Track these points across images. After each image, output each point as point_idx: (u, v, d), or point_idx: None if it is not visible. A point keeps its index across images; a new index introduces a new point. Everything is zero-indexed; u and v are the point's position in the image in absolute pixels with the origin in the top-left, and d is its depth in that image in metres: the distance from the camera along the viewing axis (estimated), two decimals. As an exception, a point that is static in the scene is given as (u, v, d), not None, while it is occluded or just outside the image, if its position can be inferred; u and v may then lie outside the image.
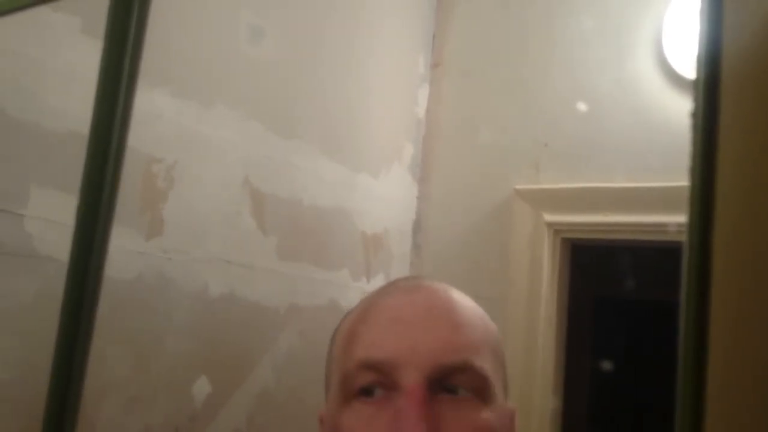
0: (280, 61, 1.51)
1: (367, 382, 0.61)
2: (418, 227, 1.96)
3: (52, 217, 1.06)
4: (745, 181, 0.26)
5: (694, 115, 0.25)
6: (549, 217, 1.77)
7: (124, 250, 1.17)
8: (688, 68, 1.65)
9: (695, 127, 0.25)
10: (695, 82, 0.25)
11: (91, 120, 0.39)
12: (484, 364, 0.62)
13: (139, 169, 1.20)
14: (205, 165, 1.33)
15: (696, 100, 0.25)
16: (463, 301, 0.68)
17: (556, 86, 1.84)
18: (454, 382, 0.60)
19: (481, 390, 0.61)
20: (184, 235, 1.28)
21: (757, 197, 0.26)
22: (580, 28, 1.83)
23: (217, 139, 1.35)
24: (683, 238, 0.25)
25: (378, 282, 1.81)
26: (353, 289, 1.71)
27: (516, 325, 1.72)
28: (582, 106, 1.78)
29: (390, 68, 1.88)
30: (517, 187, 1.82)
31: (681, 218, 0.25)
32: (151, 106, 1.22)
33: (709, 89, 0.25)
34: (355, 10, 1.75)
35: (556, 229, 1.77)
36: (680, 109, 1.65)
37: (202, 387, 1.31)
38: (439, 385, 0.60)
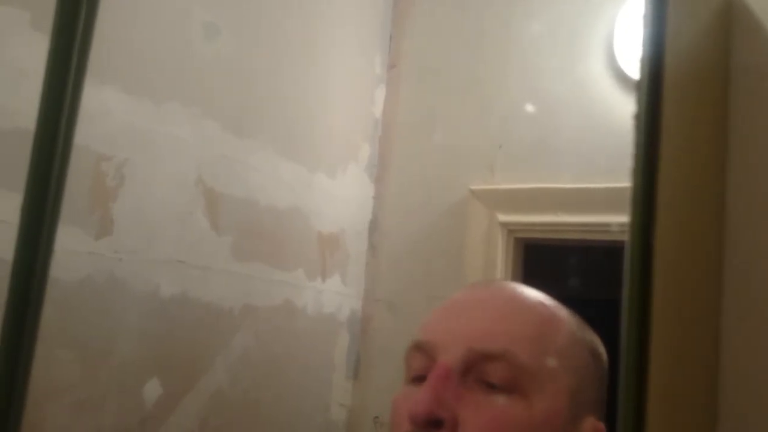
0: (236, 59, 1.49)
1: (418, 366, 0.63)
2: (374, 227, 1.97)
3: (-2, 216, 1.03)
4: (687, 180, 0.27)
5: (637, 116, 0.26)
6: (503, 217, 1.79)
7: (72, 250, 1.15)
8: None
9: (638, 128, 0.26)
10: (638, 84, 0.26)
11: (36, 116, 0.38)
12: (524, 356, 0.59)
13: (87, 167, 1.17)
14: (158, 163, 1.31)
15: (639, 101, 0.26)
16: (525, 297, 0.65)
17: (511, 88, 1.86)
18: (490, 371, 0.59)
19: (517, 383, 0.59)
20: (134, 234, 1.26)
21: (698, 196, 0.27)
22: (534, 31, 1.85)
23: (170, 138, 1.33)
24: (626, 237, 0.26)
25: (334, 282, 1.80)
26: (308, 289, 1.70)
27: (470, 324, 1.73)
28: (535, 108, 1.81)
29: (347, 68, 1.88)
30: (472, 187, 1.84)
31: (623, 218, 0.25)
32: (101, 102, 1.20)
33: (652, 91, 0.26)
34: (312, 10, 1.74)
35: (510, 228, 1.79)
36: (630, 111, 1.68)
37: (153, 389, 1.29)
38: (476, 374, 0.60)
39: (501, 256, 1.77)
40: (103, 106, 1.20)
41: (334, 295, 1.80)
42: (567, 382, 0.60)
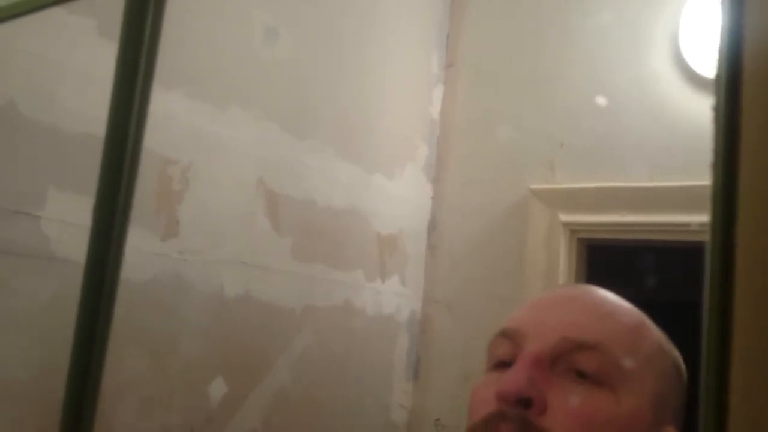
0: (295, 61, 1.51)
1: (503, 353, 0.63)
2: (432, 227, 1.96)
3: (69, 219, 1.07)
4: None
5: (716, 109, 0.24)
6: (565, 217, 1.76)
7: (140, 251, 1.18)
8: (705, 66, 1.63)
9: (717, 123, 0.24)
10: (717, 76, 0.25)
11: (107, 122, 0.39)
12: (617, 351, 0.59)
13: (154, 171, 1.20)
14: (220, 166, 1.33)
15: (717, 94, 0.25)
16: (615, 301, 0.65)
17: (572, 84, 1.83)
18: (581, 361, 0.59)
19: (606, 376, 0.58)
20: (199, 236, 1.28)
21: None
22: (595, 25, 1.81)
23: (231, 140, 1.35)
24: (705, 237, 0.24)
25: (393, 283, 1.80)
26: (368, 290, 1.71)
27: (532, 325, 1.71)
28: (598, 104, 1.77)
29: (404, 68, 1.88)
30: (533, 186, 1.81)
31: (701, 217, 0.24)
32: (166, 107, 1.23)
33: (731, 84, 0.25)
34: (368, 11, 1.75)
35: (572, 229, 1.76)
36: (696, 106, 1.63)
37: (218, 387, 1.31)
38: (565, 363, 0.59)
39: (563, 257, 1.74)
40: (168, 111, 1.23)
41: (393, 296, 1.80)
42: (652, 387, 0.60)
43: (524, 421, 0.56)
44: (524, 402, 0.57)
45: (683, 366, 0.65)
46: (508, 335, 0.63)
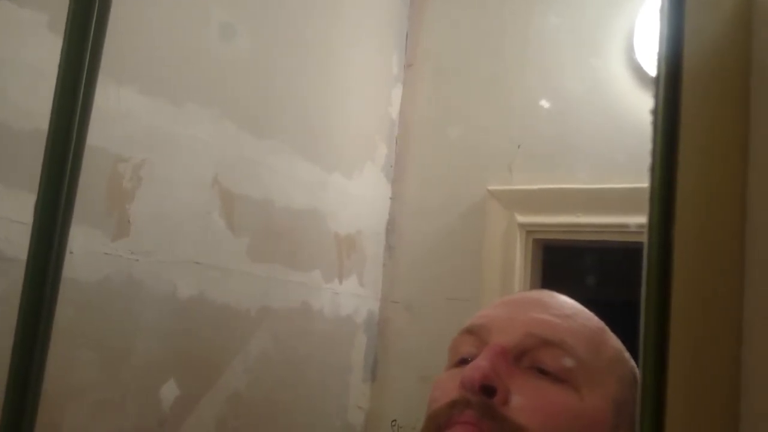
0: (253, 59, 1.50)
1: (466, 350, 0.63)
2: (391, 228, 1.96)
3: (18, 218, 1.04)
4: (707, 178, 0.26)
5: (655, 112, 0.25)
6: (522, 218, 1.78)
7: (90, 251, 1.15)
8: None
9: (656, 125, 0.25)
10: (656, 79, 0.25)
11: (49, 116, 0.38)
12: (580, 350, 0.60)
13: (105, 169, 1.18)
14: (175, 164, 1.31)
15: (656, 97, 0.25)
16: (578, 306, 0.66)
17: (530, 87, 1.85)
18: (545, 358, 0.59)
19: (569, 374, 0.59)
20: (151, 236, 1.26)
21: (718, 194, 0.26)
22: (553, 26, 1.84)
23: (187, 138, 1.33)
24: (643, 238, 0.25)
25: (351, 283, 1.80)
26: (325, 291, 1.70)
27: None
28: (554, 107, 1.79)
29: (364, 68, 1.88)
30: (491, 187, 1.83)
31: (641, 218, 0.24)
32: (119, 103, 1.20)
33: (670, 86, 0.25)
34: (329, 10, 1.74)
35: (528, 230, 1.78)
36: (649, 109, 1.66)
37: (170, 390, 1.29)
38: (529, 360, 0.60)
39: (520, 258, 1.76)
40: (120, 108, 1.21)
41: (352, 297, 1.80)
42: (613, 392, 0.61)
43: (488, 408, 0.56)
44: (488, 390, 0.57)
45: (615, 347, 0.66)
46: (473, 332, 0.64)
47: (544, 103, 1.79)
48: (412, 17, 2.05)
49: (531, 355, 0.60)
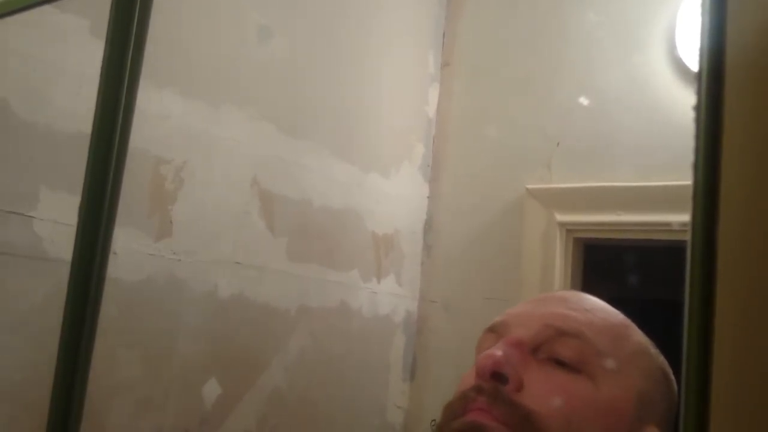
0: (290, 61, 1.51)
1: (488, 346, 0.63)
2: (429, 227, 1.96)
3: (62, 220, 1.06)
4: (750, 174, 0.25)
5: (697, 108, 0.24)
6: (561, 217, 1.75)
7: (133, 251, 1.17)
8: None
9: (698, 121, 0.24)
10: (698, 74, 0.25)
11: (93, 119, 0.39)
12: (597, 341, 0.60)
13: (147, 171, 1.20)
14: (215, 165, 1.33)
15: (699, 92, 0.24)
16: (604, 304, 0.67)
17: (568, 83, 1.82)
18: (561, 349, 0.60)
19: (586, 365, 0.59)
20: (193, 236, 1.28)
21: (763, 191, 0.26)
22: (591, 23, 1.81)
23: (226, 140, 1.35)
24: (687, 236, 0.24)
25: (389, 283, 1.80)
26: (363, 290, 1.70)
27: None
28: (593, 104, 1.77)
29: (400, 67, 1.88)
30: (529, 186, 1.81)
31: (684, 217, 0.24)
32: (160, 106, 1.22)
33: (712, 81, 0.24)
34: (364, 10, 1.75)
35: (568, 228, 1.76)
36: (691, 105, 1.63)
37: (212, 388, 1.31)
38: (546, 352, 0.60)
39: (559, 257, 1.74)
40: (161, 110, 1.23)
41: (390, 296, 1.80)
42: (635, 383, 0.61)
43: (500, 394, 0.57)
44: (499, 377, 0.58)
45: (672, 374, 0.65)
46: (494, 329, 0.65)
47: (584, 100, 1.77)
48: (448, 16, 2.05)
49: (547, 347, 0.60)
